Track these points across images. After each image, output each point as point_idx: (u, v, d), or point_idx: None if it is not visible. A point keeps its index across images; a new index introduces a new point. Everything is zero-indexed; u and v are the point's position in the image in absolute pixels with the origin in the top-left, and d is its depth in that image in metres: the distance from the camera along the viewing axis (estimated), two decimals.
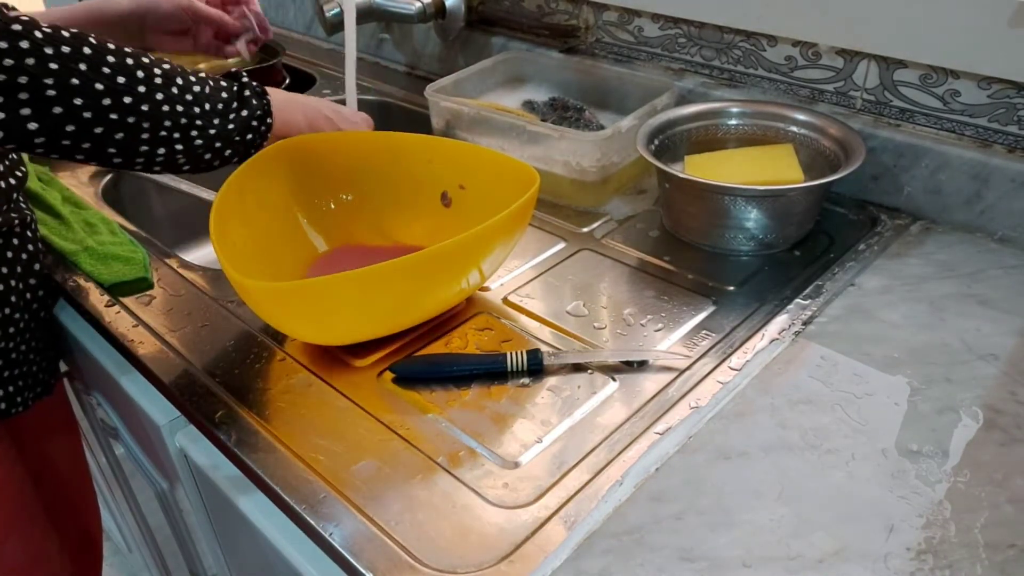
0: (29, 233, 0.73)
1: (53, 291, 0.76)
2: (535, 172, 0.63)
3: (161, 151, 0.60)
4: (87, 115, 0.55)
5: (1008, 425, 0.52)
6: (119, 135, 0.57)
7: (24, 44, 0.51)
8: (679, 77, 0.90)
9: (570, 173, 0.80)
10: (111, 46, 0.56)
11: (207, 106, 0.61)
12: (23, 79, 0.51)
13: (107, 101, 0.55)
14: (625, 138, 0.79)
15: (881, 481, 0.49)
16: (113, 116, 0.56)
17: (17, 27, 0.51)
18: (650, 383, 0.58)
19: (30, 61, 0.51)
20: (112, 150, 0.57)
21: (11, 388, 0.74)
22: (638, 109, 0.80)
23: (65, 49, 0.53)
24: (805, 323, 0.62)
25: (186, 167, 0.63)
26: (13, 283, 0.71)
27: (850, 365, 0.58)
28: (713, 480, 0.49)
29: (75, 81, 0.53)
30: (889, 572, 0.43)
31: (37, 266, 0.73)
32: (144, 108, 0.57)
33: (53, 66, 0.52)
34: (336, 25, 1.05)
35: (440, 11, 1.07)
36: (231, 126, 0.63)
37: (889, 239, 0.73)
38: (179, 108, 0.59)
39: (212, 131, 0.62)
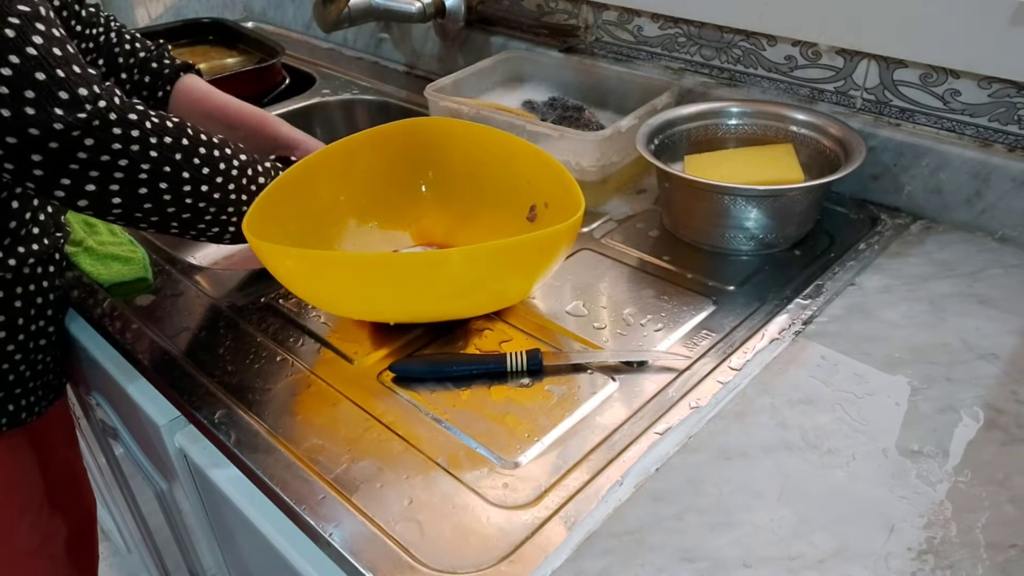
0: (62, 249, 0.75)
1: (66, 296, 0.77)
2: (581, 202, 0.61)
3: (215, 230, 0.65)
4: (167, 197, 0.60)
5: (1009, 424, 0.52)
6: (186, 215, 0.62)
7: (135, 132, 0.56)
8: (679, 77, 0.90)
9: (569, 173, 0.79)
10: (204, 137, 0.62)
11: None
12: (123, 162, 0.56)
13: (187, 188, 0.61)
14: (625, 138, 0.79)
15: (882, 481, 0.49)
16: (188, 201, 0.61)
17: (133, 116, 0.57)
18: (650, 383, 0.58)
19: (135, 148, 0.57)
20: (174, 223, 0.63)
21: (32, 398, 0.75)
22: (638, 109, 0.80)
23: (167, 139, 0.59)
24: (805, 323, 0.62)
25: (228, 241, 0.67)
26: (51, 296, 0.73)
27: (850, 365, 0.58)
28: (713, 480, 0.49)
29: (167, 169, 0.59)
30: (890, 572, 0.43)
31: (60, 280, 0.75)
32: (216, 196, 0.63)
33: (153, 154, 0.58)
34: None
35: (440, 11, 1.07)
36: None
37: (889, 238, 0.73)
38: (244, 197, 0.65)
39: None
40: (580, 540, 0.46)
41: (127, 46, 0.79)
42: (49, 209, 0.72)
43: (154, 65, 0.79)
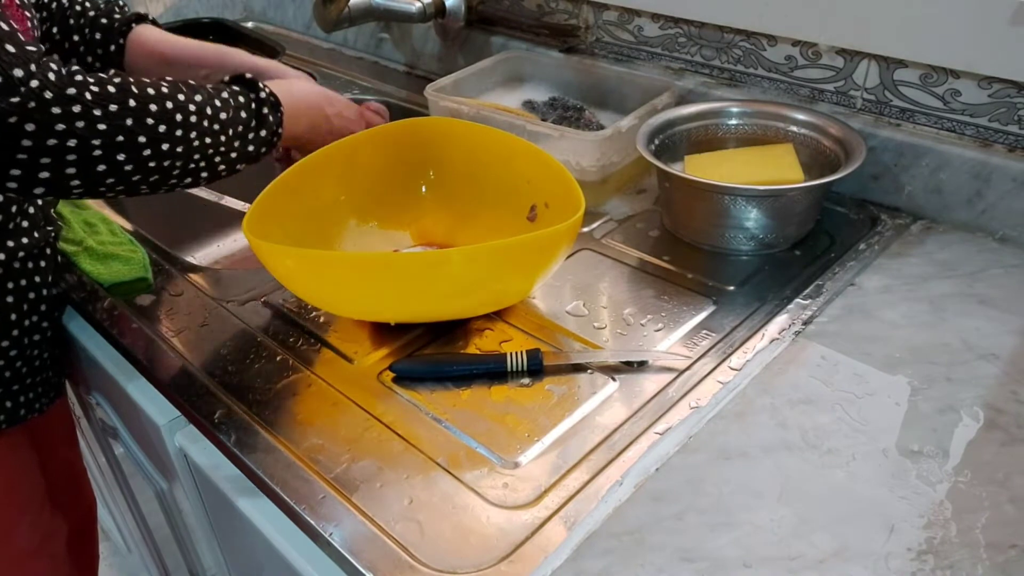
0: (55, 244, 0.74)
1: (65, 295, 0.77)
2: (581, 202, 0.61)
3: (188, 179, 0.61)
4: (128, 167, 0.56)
5: (1009, 424, 0.52)
6: (153, 177, 0.58)
7: (76, 108, 0.52)
8: (679, 77, 0.90)
9: (570, 173, 0.79)
10: (151, 91, 0.57)
11: (231, 131, 0.63)
12: (72, 142, 0.53)
13: (147, 152, 0.57)
14: (625, 138, 0.79)
15: (882, 481, 0.49)
16: (151, 164, 0.57)
17: (71, 91, 0.52)
18: (650, 383, 0.58)
19: (80, 124, 0.52)
20: (143, 187, 0.59)
21: (31, 395, 0.75)
22: (638, 109, 0.80)
23: (112, 108, 0.54)
24: (805, 323, 0.62)
25: (204, 183, 0.64)
26: (45, 292, 0.72)
27: (850, 365, 0.58)
28: (713, 480, 0.49)
29: (120, 138, 0.55)
30: (890, 572, 0.43)
31: (54, 276, 0.74)
32: (179, 149, 0.59)
33: (101, 127, 0.54)
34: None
35: (440, 11, 1.07)
36: (250, 147, 0.65)
37: (889, 239, 0.73)
38: (207, 140, 0.61)
39: (234, 154, 0.64)
40: (580, 540, 0.46)
41: (77, 7, 0.77)
42: (39, 202, 0.72)
43: (104, 21, 0.77)
